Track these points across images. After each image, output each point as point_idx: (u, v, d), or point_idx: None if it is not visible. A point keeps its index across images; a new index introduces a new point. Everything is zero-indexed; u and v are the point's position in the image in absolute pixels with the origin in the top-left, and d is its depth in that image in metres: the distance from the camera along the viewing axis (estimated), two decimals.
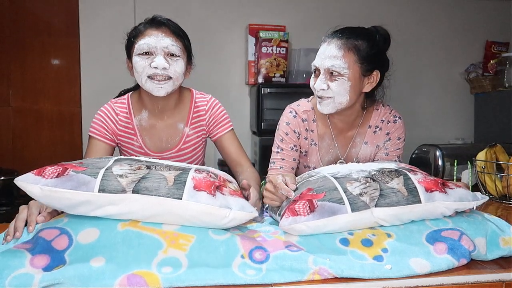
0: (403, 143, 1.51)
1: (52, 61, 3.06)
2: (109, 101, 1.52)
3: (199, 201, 0.90)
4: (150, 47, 1.34)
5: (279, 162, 1.47)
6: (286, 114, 1.50)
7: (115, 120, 1.48)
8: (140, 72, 1.36)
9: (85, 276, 0.80)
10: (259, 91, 2.93)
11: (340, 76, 1.32)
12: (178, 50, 1.37)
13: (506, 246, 0.98)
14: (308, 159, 1.51)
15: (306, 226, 0.93)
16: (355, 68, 1.32)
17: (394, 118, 1.49)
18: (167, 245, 0.87)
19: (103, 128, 1.46)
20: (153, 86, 1.36)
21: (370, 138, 1.48)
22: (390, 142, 1.48)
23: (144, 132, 1.49)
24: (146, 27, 1.38)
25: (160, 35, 1.35)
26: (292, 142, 1.47)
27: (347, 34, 1.34)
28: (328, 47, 1.33)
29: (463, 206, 1.03)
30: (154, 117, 1.49)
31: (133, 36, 1.39)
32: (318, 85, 1.35)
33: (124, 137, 1.49)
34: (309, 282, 0.85)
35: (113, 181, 0.90)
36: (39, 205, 0.99)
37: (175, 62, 1.37)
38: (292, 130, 1.47)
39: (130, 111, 1.49)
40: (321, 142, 1.49)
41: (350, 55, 1.32)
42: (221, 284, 0.83)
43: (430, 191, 1.01)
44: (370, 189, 0.99)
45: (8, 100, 3.02)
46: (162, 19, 1.40)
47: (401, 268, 0.88)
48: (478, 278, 0.89)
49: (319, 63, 1.35)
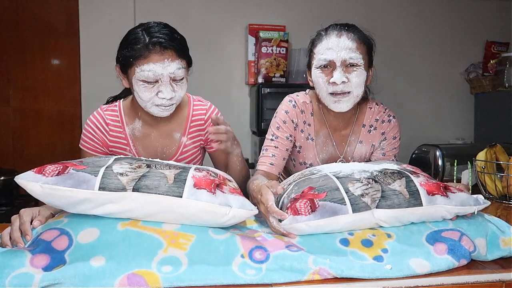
0: (399, 142, 1.50)
1: (52, 61, 3.06)
2: (99, 107, 1.44)
3: (199, 199, 0.91)
4: (156, 75, 1.24)
5: (272, 149, 1.42)
6: (285, 103, 1.47)
7: (105, 131, 1.40)
8: (146, 100, 1.28)
9: (85, 276, 0.80)
10: (259, 91, 2.93)
11: (358, 67, 1.32)
12: (183, 72, 1.29)
13: (506, 246, 0.98)
14: (304, 155, 1.48)
15: (307, 226, 0.93)
16: (365, 60, 1.35)
17: (389, 117, 1.48)
18: (167, 245, 0.87)
19: (92, 141, 1.40)
20: (157, 110, 1.31)
21: (365, 137, 1.48)
22: (386, 142, 1.48)
23: (137, 142, 1.42)
24: (150, 50, 1.24)
25: (166, 62, 1.24)
26: (289, 132, 1.44)
27: (352, 27, 1.36)
28: (340, 39, 1.32)
29: (464, 210, 1.02)
30: (148, 126, 1.42)
31: (132, 57, 1.26)
32: (338, 78, 1.30)
33: (116, 147, 1.42)
34: (309, 282, 0.85)
35: (113, 179, 0.90)
36: (30, 213, 0.97)
37: (180, 87, 1.30)
38: (290, 119, 1.44)
39: (122, 119, 1.41)
40: (317, 138, 1.47)
41: (362, 46, 1.35)
42: (221, 284, 0.83)
43: (431, 194, 1.00)
44: (371, 190, 0.99)
45: (8, 100, 3.02)
46: (166, 41, 1.26)
47: (401, 268, 0.88)
48: (478, 278, 0.89)
49: (334, 56, 1.31)
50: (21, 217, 0.96)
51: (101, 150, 1.41)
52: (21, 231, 0.93)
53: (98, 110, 1.43)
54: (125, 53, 1.28)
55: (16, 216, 0.97)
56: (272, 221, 0.98)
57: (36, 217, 0.97)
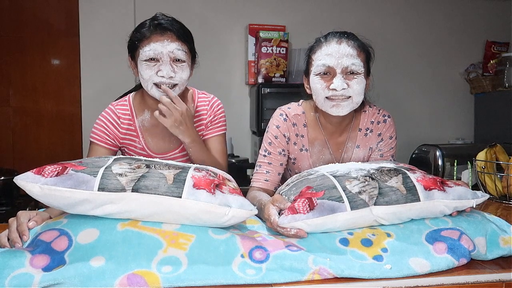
0: (396, 141, 1.50)
1: (52, 61, 3.06)
2: (110, 104, 1.51)
3: (198, 199, 0.91)
4: (156, 53, 1.33)
5: (265, 166, 1.43)
6: (276, 117, 1.46)
7: (117, 124, 1.47)
8: (146, 79, 1.35)
9: (85, 276, 0.80)
10: (259, 91, 2.93)
11: (358, 75, 1.32)
12: (183, 54, 1.36)
13: (506, 245, 0.98)
14: (300, 166, 1.47)
15: (305, 224, 0.94)
16: (365, 68, 1.34)
17: (384, 118, 1.47)
18: (167, 245, 0.87)
19: (104, 134, 1.45)
20: (158, 93, 1.35)
21: (362, 142, 1.47)
22: (383, 143, 1.47)
23: (146, 133, 1.48)
24: (151, 31, 1.35)
25: (165, 41, 1.33)
26: (281, 146, 1.44)
27: (352, 36, 1.35)
28: (340, 46, 1.31)
29: (462, 204, 1.03)
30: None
31: (137, 39, 1.37)
32: (339, 85, 1.29)
33: (127, 139, 1.48)
34: (309, 282, 0.85)
35: (112, 180, 0.90)
36: (27, 214, 0.98)
37: (180, 69, 1.36)
38: (282, 134, 1.43)
39: (132, 112, 1.48)
40: (312, 148, 1.46)
41: (362, 54, 1.34)
42: (221, 284, 0.83)
43: (429, 189, 1.01)
44: (369, 188, 0.99)
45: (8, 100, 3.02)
46: (167, 23, 1.37)
47: (401, 267, 0.88)
48: (478, 278, 0.89)
49: (334, 62, 1.30)
50: (19, 218, 0.96)
51: (112, 142, 1.47)
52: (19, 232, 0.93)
53: (109, 106, 1.49)
54: (132, 39, 1.39)
55: (14, 219, 0.98)
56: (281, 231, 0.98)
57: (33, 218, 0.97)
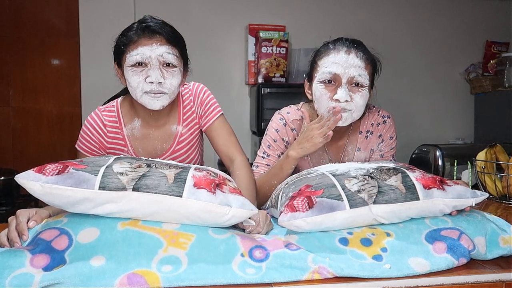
0: (396, 141, 1.50)
1: (52, 61, 3.06)
2: (97, 108, 1.41)
3: (199, 198, 0.91)
4: (143, 57, 1.23)
5: (263, 167, 1.43)
6: (275, 121, 1.45)
7: (103, 132, 1.37)
8: (134, 87, 1.26)
9: (86, 275, 0.80)
10: (259, 91, 2.94)
11: (362, 88, 1.30)
12: (174, 58, 1.27)
13: (506, 245, 0.98)
14: (300, 169, 1.45)
15: (305, 222, 0.93)
16: (369, 81, 1.33)
17: (383, 118, 1.47)
18: (167, 244, 0.87)
19: (89, 143, 1.37)
20: (148, 100, 1.27)
21: (363, 144, 1.47)
22: (384, 143, 1.47)
23: (136, 142, 1.40)
24: (139, 35, 1.25)
25: (154, 45, 1.24)
26: (280, 150, 1.44)
27: (361, 46, 1.33)
28: (349, 56, 1.29)
29: (461, 203, 1.03)
30: (147, 126, 1.40)
31: (123, 44, 1.27)
32: (343, 96, 1.26)
33: (114, 148, 1.39)
34: (309, 282, 0.85)
35: (113, 179, 0.90)
36: (27, 214, 0.97)
37: (171, 74, 1.27)
38: (281, 138, 1.43)
39: (120, 120, 1.39)
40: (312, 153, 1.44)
41: (369, 67, 1.32)
42: (221, 283, 0.83)
43: (428, 188, 1.01)
44: (368, 186, 0.99)
45: (8, 100, 3.02)
46: (156, 26, 1.27)
47: (401, 267, 0.88)
48: (478, 278, 0.89)
49: (341, 71, 1.27)
50: (18, 217, 0.96)
51: (97, 152, 1.38)
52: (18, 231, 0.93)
53: (95, 111, 1.40)
54: (118, 43, 1.30)
55: (13, 217, 0.97)
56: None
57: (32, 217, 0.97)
